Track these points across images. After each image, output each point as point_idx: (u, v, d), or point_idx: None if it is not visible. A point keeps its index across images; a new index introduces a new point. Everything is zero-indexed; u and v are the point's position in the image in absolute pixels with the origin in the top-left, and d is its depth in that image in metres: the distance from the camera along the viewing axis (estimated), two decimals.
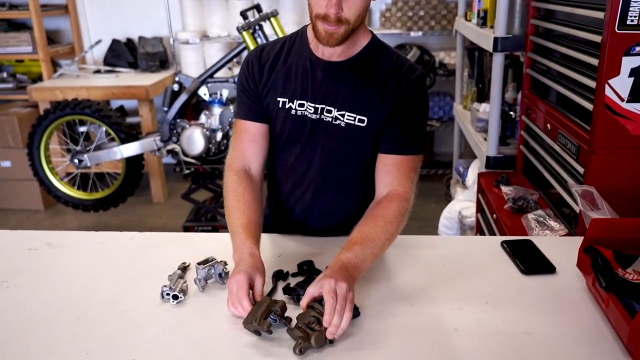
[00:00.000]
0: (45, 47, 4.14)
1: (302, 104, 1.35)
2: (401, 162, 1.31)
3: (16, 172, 3.89)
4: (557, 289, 1.21)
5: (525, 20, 1.96)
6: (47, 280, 1.29)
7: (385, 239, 1.22)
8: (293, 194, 1.46)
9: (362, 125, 1.32)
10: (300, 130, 1.36)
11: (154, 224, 3.81)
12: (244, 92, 1.41)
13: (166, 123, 3.11)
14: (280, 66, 1.37)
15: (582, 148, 1.46)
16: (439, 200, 4.03)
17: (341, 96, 1.33)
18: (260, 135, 1.41)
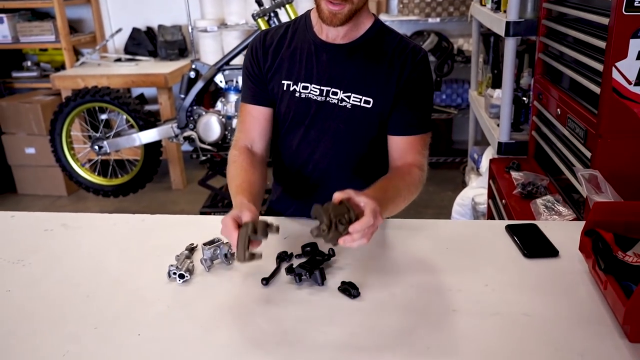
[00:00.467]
0: (68, 36, 4.22)
1: (307, 86, 1.37)
2: (413, 142, 1.35)
3: (40, 158, 4.00)
4: (558, 272, 1.21)
5: (538, 4, 1.93)
6: (60, 259, 1.33)
7: (406, 195, 1.27)
8: (299, 178, 1.48)
9: (367, 107, 1.34)
10: (305, 112, 1.38)
11: (172, 209, 3.88)
12: (249, 77, 1.43)
13: (183, 110, 3.15)
14: (285, 49, 1.39)
15: (590, 132, 1.44)
16: (455, 188, 4.00)
17: (347, 78, 1.34)
18: (263, 119, 1.43)
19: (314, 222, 1.45)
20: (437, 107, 4.25)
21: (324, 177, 1.45)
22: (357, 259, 1.28)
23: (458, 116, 4.25)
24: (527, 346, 0.98)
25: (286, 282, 1.19)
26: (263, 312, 1.10)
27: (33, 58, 4.62)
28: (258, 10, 2.98)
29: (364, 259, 1.28)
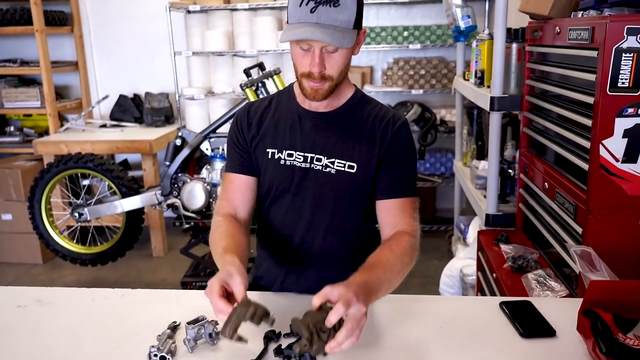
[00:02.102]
0: (54, 102, 4.23)
1: (291, 153, 1.39)
2: (402, 204, 1.36)
3: (17, 225, 3.90)
4: (557, 353, 1.17)
5: (521, 81, 1.99)
6: (34, 339, 1.26)
7: (401, 268, 1.23)
8: (286, 247, 1.46)
9: (352, 172, 1.36)
10: (289, 179, 1.39)
11: (152, 279, 3.76)
12: (233, 147, 1.45)
13: (167, 177, 3.13)
14: (269, 120, 1.42)
15: (580, 208, 1.45)
16: (441, 256, 3.98)
17: (330, 144, 1.37)
18: (246, 188, 1.44)
19: (301, 297, 1.42)
20: (421, 175, 4.29)
21: (312, 245, 1.44)
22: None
23: (442, 185, 4.29)
24: None
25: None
26: None
27: (16, 123, 4.61)
28: (246, 80, 3.03)
29: None
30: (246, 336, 1.06)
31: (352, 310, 1.01)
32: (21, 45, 4.54)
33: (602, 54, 1.31)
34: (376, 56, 4.49)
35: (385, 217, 1.37)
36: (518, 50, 1.98)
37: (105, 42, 4.61)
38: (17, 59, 4.40)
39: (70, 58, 4.60)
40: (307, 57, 1.26)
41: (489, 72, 2.23)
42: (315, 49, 1.24)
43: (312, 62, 1.25)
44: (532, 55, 1.90)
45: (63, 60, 4.57)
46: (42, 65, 4.10)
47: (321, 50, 1.24)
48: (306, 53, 1.26)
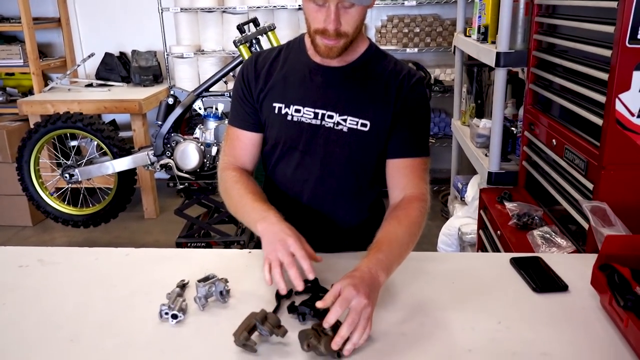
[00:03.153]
0: (37, 60, 4.10)
1: (299, 109, 1.34)
2: (413, 164, 1.32)
3: (4, 187, 3.82)
4: (570, 307, 1.17)
5: (527, 36, 1.95)
6: (39, 299, 1.23)
7: (410, 240, 1.22)
8: (294, 207, 1.42)
9: (364, 130, 1.32)
10: (297, 137, 1.35)
11: (145, 240, 3.74)
12: (239, 101, 1.40)
13: (160, 137, 3.06)
14: (277, 72, 1.37)
15: (591, 164, 1.43)
16: (434, 217, 4.00)
17: (342, 101, 1.32)
18: (251, 145, 1.41)
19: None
20: None
21: (321, 206, 1.41)
22: None
23: (435, 145, 4.27)
24: None
25: (289, 322, 1.12)
26: (267, 354, 1.02)
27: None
28: (240, 37, 2.94)
29: None
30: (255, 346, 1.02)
31: (353, 303, 1.00)
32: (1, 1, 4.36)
33: (622, 5, 1.27)
34: (369, 13, 4.38)
35: (395, 177, 1.34)
36: (526, 4, 1.92)
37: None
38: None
39: (52, 14, 4.43)
40: (321, 12, 1.19)
41: (494, 28, 2.18)
42: (330, 4, 1.17)
43: (327, 19, 1.18)
44: (540, 9, 1.85)
45: (45, 17, 4.40)
46: (24, 21, 3.94)
47: (337, 5, 1.17)
48: (320, 8, 1.19)
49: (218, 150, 3.09)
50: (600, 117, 1.39)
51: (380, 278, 1.09)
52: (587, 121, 1.50)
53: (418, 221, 1.25)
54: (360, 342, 1.00)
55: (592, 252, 1.42)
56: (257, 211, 1.23)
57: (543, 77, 1.85)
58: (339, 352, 0.99)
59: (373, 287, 1.06)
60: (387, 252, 1.15)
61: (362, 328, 0.99)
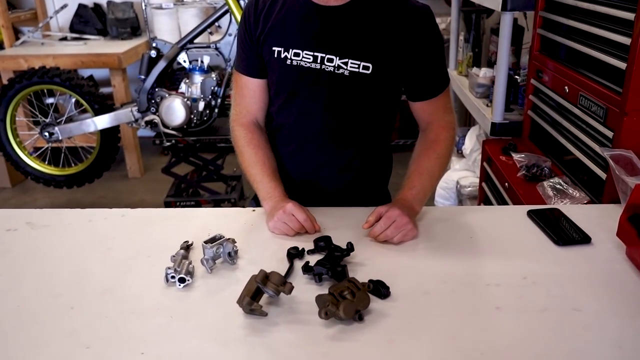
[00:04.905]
0: (5, 12, 3.87)
1: (298, 53, 1.26)
2: (437, 102, 1.32)
3: None
4: (596, 260, 1.13)
5: None
6: (32, 265, 1.15)
7: (439, 170, 1.32)
8: (298, 155, 1.37)
9: (367, 73, 1.24)
10: (298, 82, 1.28)
11: (131, 200, 3.64)
12: (243, 46, 1.34)
13: (144, 92, 2.92)
14: (276, 14, 1.28)
15: (612, 110, 1.37)
16: None
17: (342, 43, 1.24)
18: (260, 91, 1.37)
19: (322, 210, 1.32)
20: None
21: (325, 153, 1.35)
22: (378, 252, 1.16)
23: None
24: (588, 345, 0.89)
25: (304, 283, 1.06)
26: (285, 318, 0.96)
27: None
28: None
29: (385, 252, 1.16)
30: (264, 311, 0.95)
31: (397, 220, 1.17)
32: None
33: None
34: None
35: (422, 117, 1.36)
36: None
37: None
38: None
39: None
40: None
41: None
42: None
43: None
44: None
45: None
46: None
47: None
48: None
49: (205, 106, 2.96)
50: (624, 60, 1.32)
51: (416, 208, 1.25)
52: (604, 66, 1.43)
53: (446, 152, 1.33)
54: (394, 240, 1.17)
55: (610, 202, 1.37)
56: (264, 188, 1.30)
57: (553, 21, 1.76)
58: (360, 315, 0.94)
59: (412, 214, 1.21)
60: (419, 186, 1.27)
61: (401, 235, 1.17)
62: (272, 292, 0.96)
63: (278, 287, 0.96)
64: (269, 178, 1.30)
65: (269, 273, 0.98)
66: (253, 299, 0.95)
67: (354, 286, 0.96)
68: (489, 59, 2.63)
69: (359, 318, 0.94)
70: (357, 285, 0.97)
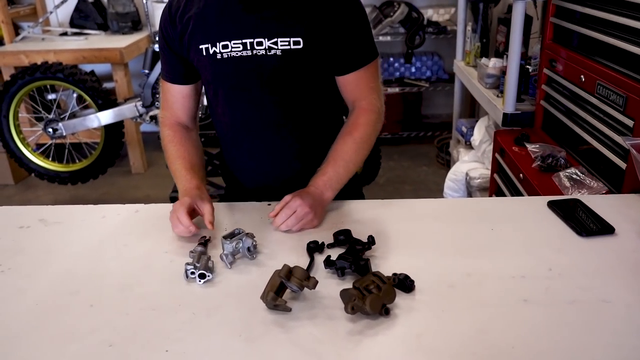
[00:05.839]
0: (5, 7, 3.83)
1: (226, 44, 1.24)
2: (358, 77, 1.29)
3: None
4: (621, 250, 1.11)
5: None
6: (48, 262, 1.13)
7: (356, 155, 1.28)
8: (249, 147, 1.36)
9: (299, 48, 1.22)
10: (233, 74, 1.26)
11: (135, 195, 3.62)
12: (163, 52, 1.34)
13: (148, 87, 2.89)
14: (193, 11, 1.26)
15: (632, 98, 1.35)
16: (430, 162, 3.95)
17: (268, 23, 1.22)
18: (182, 97, 1.37)
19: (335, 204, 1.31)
20: (408, 80, 4.15)
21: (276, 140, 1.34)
22: (400, 245, 1.14)
23: (429, 89, 4.16)
24: (620, 336, 0.87)
25: (326, 277, 1.04)
26: (309, 313, 0.94)
27: None
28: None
29: (407, 245, 1.14)
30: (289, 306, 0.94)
31: (297, 211, 1.17)
32: None
33: None
34: None
35: (345, 93, 1.33)
36: None
37: None
38: None
39: None
40: None
41: None
42: None
43: None
44: None
45: None
46: None
47: None
48: None
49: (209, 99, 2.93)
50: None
51: (326, 195, 1.23)
52: (622, 53, 1.41)
53: (365, 137, 1.29)
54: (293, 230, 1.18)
55: (631, 192, 1.35)
56: (181, 182, 1.28)
57: (566, 9, 1.73)
58: (386, 309, 0.92)
59: (318, 202, 1.21)
60: (332, 171, 1.24)
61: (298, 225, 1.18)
62: (296, 287, 0.95)
63: (302, 282, 0.95)
64: (186, 171, 1.29)
65: (292, 268, 0.96)
66: (277, 294, 0.93)
67: (380, 280, 0.95)
68: (497, 49, 2.61)
69: (386, 312, 0.92)
70: (382, 279, 0.95)
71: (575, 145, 1.71)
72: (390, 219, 1.24)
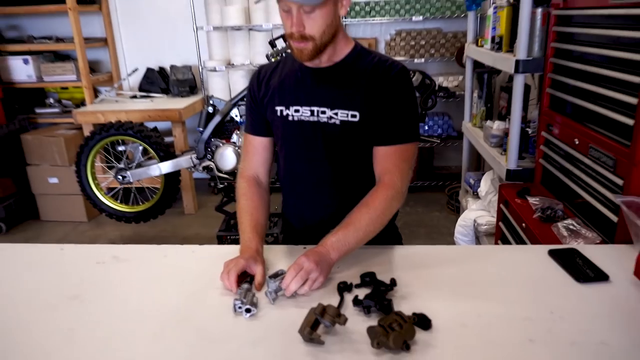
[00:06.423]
0: (88, 75, 4.03)
1: (298, 109, 1.30)
2: (390, 152, 1.26)
3: (62, 187, 3.76)
4: (614, 297, 1.09)
5: (544, 44, 1.85)
6: (118, 294, 1.16)
7: (367, 224, 1.20)
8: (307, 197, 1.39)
9: (355, 120, 1.26)
10: (300, 134, 1.31)
11: (187, 233, 3.67)
12: (249, 109, 1.39)
13: (202, 142, 2.98)
14: (276, 80, 1.34)
15: (621, 161, 1.34)
16: (441, 209, 3.92)
17: (332, 96, 1.27)
18: (262, 148, 1.39)
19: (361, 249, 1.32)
20: (422, 137, 4.18)
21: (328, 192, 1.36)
22: (418, 287, 1.14)
23: (440, 145, 4.18)
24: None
25: (354, 314, 1.04)
26: (340, 347, 0.94)
27: (54, 95, 4.40)
28: (271, 51, 2.85)
29: (425, 287, 1.14)
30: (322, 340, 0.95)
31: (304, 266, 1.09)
32: (54, 24, 4.29)
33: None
34: (379, 28, 4.29)
35: (375, 163, 1.28)
36: (543, 15, 1.83)
37: (131, 18, 4.36)
38: (52, 36, 4.15)
39: (100, 35, 4.35)
40: (289, 18, 1.18)
41: (508, 38, 2.09)
42: (292, 9, 1.15)
43: (291, 23, 1.17)
44: (558, 19, 1.75)
45: (93, 37, 4.33)
46: (76, 41, 3.86)
47: (299, 10, 1.15)
48: (288, 15, 1.18)
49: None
50: (631, 117, 1.30)
51: (332, 256, 1.15)
52: (611, 121, 1.41)
53: (380, 207, 1.21)
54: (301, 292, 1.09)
55: (622, 242, 1.33)
56: (243, 239, 1.25)
57: (560, 82, 1.75)
58: (407, 345, 0.92)
59: (324, 261, 1.12)
60: (342, 236, 1.17)
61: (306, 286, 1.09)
62: (328, 323, 0.96)
63: (334, 319, 0.96)
64: (250, 230, 1.26)
65: (325, 306, 0.97)
66: (312, 329, 0.94)
67: (401, 319, 0.95)
68: (500, 112, 2.63)
69: (406, 348, 0.92)
70: (403, 317, 0.95)
71: (571, 199, 1.70)
72: (410, 263, 1.24)
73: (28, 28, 4.37)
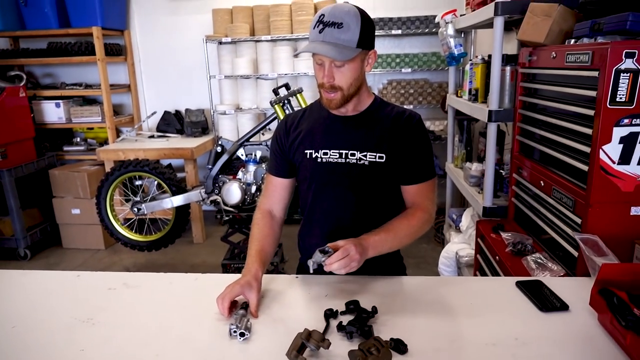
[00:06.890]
0: (112, 117, 4.13)
1: (326, 152, 1.34)
2: (420, 188, 1.33)
3: (84, 217, 3.80)
4: (574, 325, 1.10)
5: (513, 97, 1.93)
6: (127, 318, 1.18)
7: (404, 233, 1.26)
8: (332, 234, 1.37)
9: (382, 162, 1.31)
10: (327, 174, 1.34)
11: (195, 261, 3.68)
12: (274, 153, 1.44)
13: (210, 178, 3.04)
14: (304, 126, 1.38)
15: (579, 202, 1.38)
16: (429, 241, 3.93)
17: (361, 141, 1.32)
18: (281, 188, 1.43)
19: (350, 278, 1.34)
20: None
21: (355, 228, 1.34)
22: (397, 314, 1.16)
23: None
24: None
25: (338, 339, 1.06)
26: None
27: (81, 135, 4.50)
28: (275, 98, 2.95)
29: (403, 314, 1.16)
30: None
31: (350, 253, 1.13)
32: (84, 72, 4.44)
33: (603, 74, 1.24)
34: (373, 78, 4.42)
35: (407, 198, 1.36)
36: (511, 72, 1.91)
37: (152, 68, 4.51)
38: (82, 82, 4.29)
39: (124, 82, 4.49)
40: (321, 70, 1.24)
41: (483, 90, 2.17)
42: (325, 62, 1.22)
43: (323, 74, 1.23)
44: (523, 76, 1.83)
45: (118, 84, 4.46)
46: (103, 87, 3.99)
47: (330, 64, 1.22)
48: (320, 67, 1.24)
49: (257, 189, 3.06)
50: (586, 164, 1.35)
51: (368, 252, 1.19)
52: (571, 165, 1.46)
53: (416, 223, 1.29)
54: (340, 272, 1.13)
55: (582, 275, 1.35)
56: (247, 263, 1.28)
57: (527, 130, 1.82)
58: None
59: (364, 254, 1.17)
60: (381, 237, 1.23)
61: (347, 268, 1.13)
62: (314, 347, 0.97)
63: (319, 343, 0.98)
64: (255, 254, 1.29)
65: (311, 331, 0.99)
66: (299, 352, 0.96)
67: (379, 343, 0.97)
68: (479, 155, 2.68)
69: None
70: (381, 342, 0.97)
71: (539, 235, 1.73)
72: (391, 292, 1.26)
73: (61, 76, 4.52)
